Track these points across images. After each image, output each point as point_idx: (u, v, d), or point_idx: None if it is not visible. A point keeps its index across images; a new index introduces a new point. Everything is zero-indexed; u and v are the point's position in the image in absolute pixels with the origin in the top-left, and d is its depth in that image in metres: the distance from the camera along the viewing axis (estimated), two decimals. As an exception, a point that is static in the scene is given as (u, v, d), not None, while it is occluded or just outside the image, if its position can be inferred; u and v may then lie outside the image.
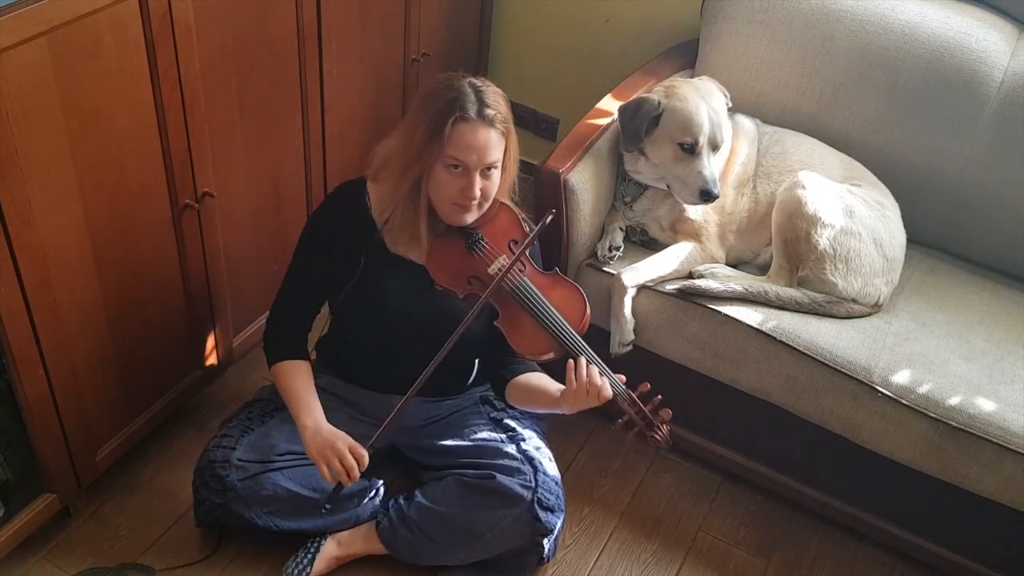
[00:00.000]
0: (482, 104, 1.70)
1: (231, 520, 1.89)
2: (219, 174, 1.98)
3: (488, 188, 1.75)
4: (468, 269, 1.81)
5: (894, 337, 2.04)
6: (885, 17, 2.24)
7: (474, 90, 1.71)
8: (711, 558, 2.13)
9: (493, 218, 1.84)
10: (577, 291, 1.82)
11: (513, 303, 1.78)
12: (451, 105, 1.68)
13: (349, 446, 1.77)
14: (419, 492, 1.94)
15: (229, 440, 1.88)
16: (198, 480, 1.89)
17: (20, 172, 1.53)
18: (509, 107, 1.77)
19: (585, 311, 1.79)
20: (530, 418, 2.05)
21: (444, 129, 1.68)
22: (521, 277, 1.79)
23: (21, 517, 1.85)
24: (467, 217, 1.78)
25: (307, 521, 1.90)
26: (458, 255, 1.81)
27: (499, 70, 3.07)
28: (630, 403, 1.76)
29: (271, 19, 1.97)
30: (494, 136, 1.71)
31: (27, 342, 1.68)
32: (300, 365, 1.89)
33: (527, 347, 1.77)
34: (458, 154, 1.69)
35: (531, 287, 1.79)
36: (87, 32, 1.55)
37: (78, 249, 1.73)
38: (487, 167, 1.72)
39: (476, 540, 1.87)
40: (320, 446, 1.77)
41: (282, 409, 1.93)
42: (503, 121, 1.73)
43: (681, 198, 2.10)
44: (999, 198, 2.21)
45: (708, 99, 2.10)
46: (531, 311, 1.77)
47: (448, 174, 1.72)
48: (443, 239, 1.82)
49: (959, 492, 1.94)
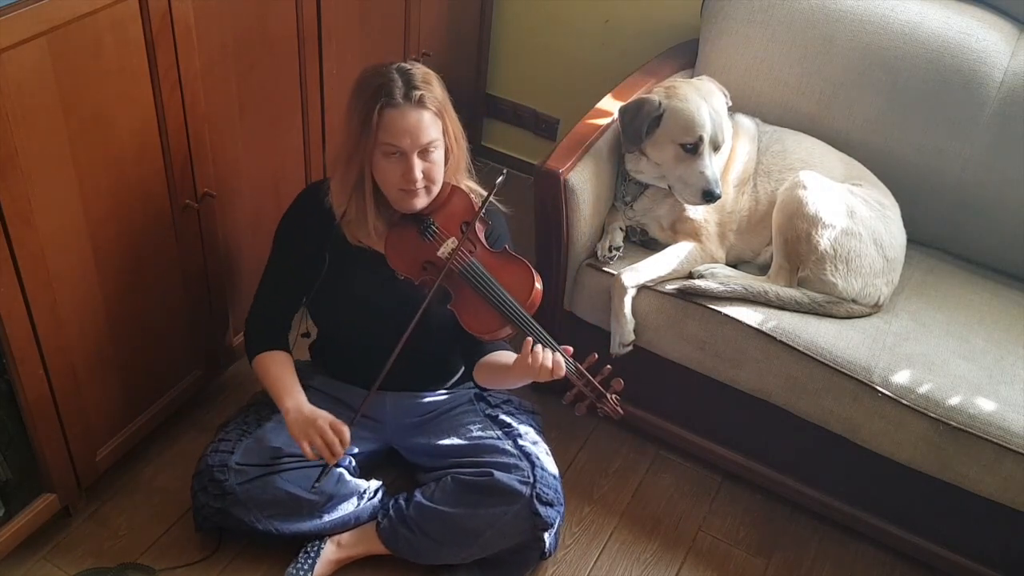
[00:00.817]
0: (409, 87, 1.71)
1: (231, 524, 1.89)
2: (219, 174, 1.98)
3: (431, 170, 1.76)
4: (421, 255, 1.81)
5: (894, 337, 2.04)
6: (885, 17, 2.24)
7: (401, 74, 1.72)
8: (711, 558, 2.13)
9: (445, 203, 1.84)
10: (526, 269, 1.80)
11: (463, 284, 1.79)
12: (377, 92, 1.70)
13: (329, 422, 1.78)
14: (418, 492, 1.94)
15: (226, 444, 1.89)
16: (196, 485, 1.89)
17: (20, 172, 1.53)
18: (442, 87, 1.78)
19: (533, 287, 1.77)
20: (526, 413, 2.06)
21: (373, 117, 1.70)
22: (469, 259, 1.79)
23: (21, 517, 1.85)
24: (416, 202, 1.78)
25: (306, 523, 1.90)
26: (412, 242, 1.82)
27: (499, 70, 3.07)
28: (578, 376, 1.76)
29: (271, 19, 1.97)
30: (426, 116, 1.72)
31: (27, 342, 1.68)
32: (278, 355, 1.91)
33: (476, 327, 1.78)
34: (391, 139, 1.71)
35: (478, 267, 1.79)
36: (87, 32, 1.55)
37: (78, 249, 1.73)
38: (424, 149, 1.73)
39: (476, 538, 1.87)
40: (302, 425, 1.78)
41: (279, 411, 1.94)
42: (434, 101, 1.73)
43: (683, 199, 2.10)
44: (999, 198, 2.21)
45: (709, 99, 2.10)
46: (478, 291, 1.77)
47: (388, 161, 1.74)
48: (398, 228, 1.84)
49: (959, 492, 1.94)
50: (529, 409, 2.09)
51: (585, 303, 2.20)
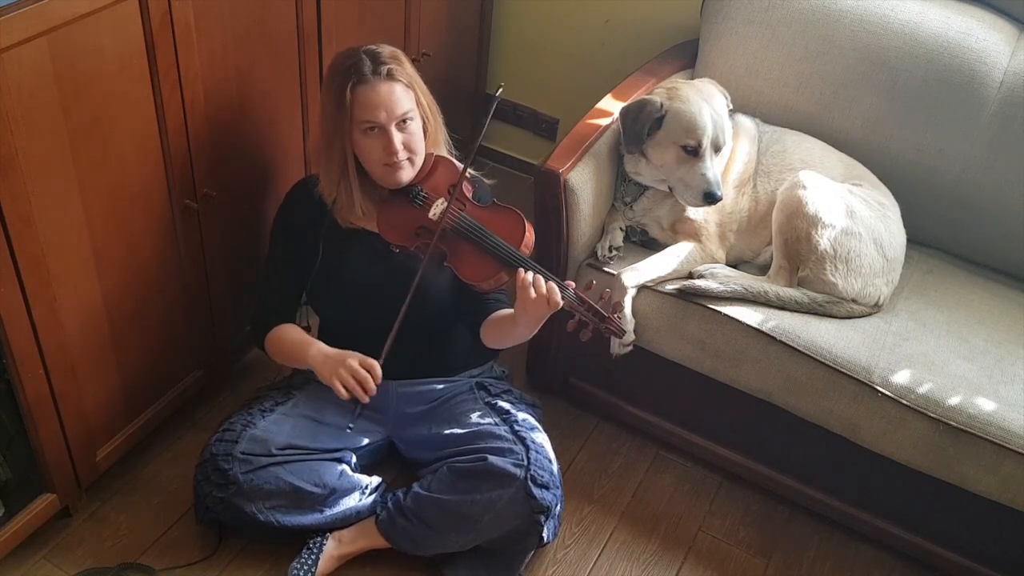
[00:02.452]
0: (377, 63, 1.77)
1: (232, 516, 1.89)
2: (219, 174, 1.98)
3: (410, 141, 1.81)
4: (413, 222, 1.86)
5: (894, 337, 2.04)
6: (885, 17, 2.24)
7: (368, 54, 1.79)
8: (711, 558, 2.13)
9: (431, 171, 1.89)
10: (515, 214, 1.86)
11: (456, 239, 1.83)
12: (348, 72, 1.77)
13: (359, 360, 1.80)
14: (416, 484, 1.95)
15: (231, 434, 1.89)
16: (200, 475, 1.89)
17: (20, 172, 1.53)
18: (410, 64, 1.84)
19: (524, 230, 1.83)
20: (524, 402, 2.07)
21: (346, 96, 1.76)
22: (460, 214, 1.84)
23: (21, 517, 1.85)
24: (402, 175, 1.83)
25: (308, 517, 1.90)
26: (403, 212, 1.87)
27: (499, 70, 3.07)
28: (579, 302, 1.81)
29: (271, 19, 1.97)
30: (398, 88, 1.77)
31: (27, 342, 1.69)
32: (287, 326, 1.97)
33: (475, 276, 1.82)
34: (367, 115, 1.76)
35: (469, 219, 1.84)
36: (87, 32, 1.55)
37: (78, 249, 1.73)
38: (401, 120, 1.78)
39: (474, 524, 1.88)
40: (331, 366, 1.81)
41: (283, 404, 1.97)
42: (404, 74, 1.79)
43: (684, 200, 2.10)
44: (999, 198, 2.21)
45: (710, 101, 2.10)
46: (472, 241, 1.82)
47: (367, 138, 1.79)
48: (388, 202, 1.89)
49: (959, 492, 1.94)
50: (530, 402, 2.09)
51: (585, 303, 2.20)
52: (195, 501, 1.93)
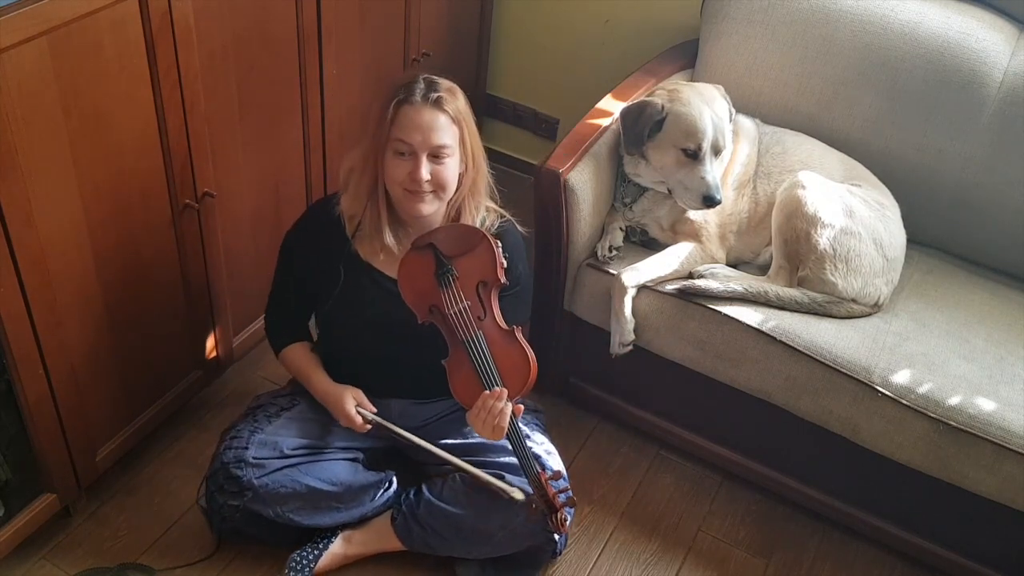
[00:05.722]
0: (429, 88, 1.72)
1: (249, 524, 1.87)
2: (219, 174, 1.98)
3: (440, 174, 1.73)
4: (431, 297, 1.79)
5: (894, 337, 2.04)
6: (885, 17, 2.24)
7: (425, 79, 1.75)
8: (711, 558, 2.13)
9: (471, 251, 1.79)
10: (526, 359, 1.78)
11: (461, 350, 1.78)
12: (398, 90, 1.73)
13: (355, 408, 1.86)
14: (425, 487, 1.94)
15: (239, 441, 1.86)
16: (212, 486, 1.86)
17: (20, 172, 1.53)
18: (466, 102, 1.78)
19: (527, 382, 1.77)
20: (529, 412, 2.05)
21: (388, 112, 1.71)
22: (476, 331, 1.77)
23: (21, 517, 1.85)
24: (422, 207, 1.76)
25: (327, 516, 1.90)
26: (426, 278, 1.79)
27: (499, 70, 3.07)
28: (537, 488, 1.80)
29: (271, 19, 1.97)
30: (441, 119, 1.72)
31: (27, 342, 1.68)
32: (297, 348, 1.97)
33: (461, 395, 1.80)
34: (402, 134, 1.71)
35: (482, 345, 1.77)
36: (87, 32, 1.55)
37: (78, 249, 1.73)
38: (435, 151, 1.72)
39: (488, 538, 1.88)
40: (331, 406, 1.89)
41: (288, 409, 1.95)
42: (453, 108, 1.73)
43: (684, 203, 2.10)
44: (999, 198, 2.21)
45: (711, 104, 2.10)
46: (474, 367, 1.77)
47: (397, 159, 1.73)
48: (415, 255, 1.80)
49: (959, 492, 1.94)
50: (532, 408, 2.09)
51: (585, 303, 2.20)
52: (208, 514, 1.91)
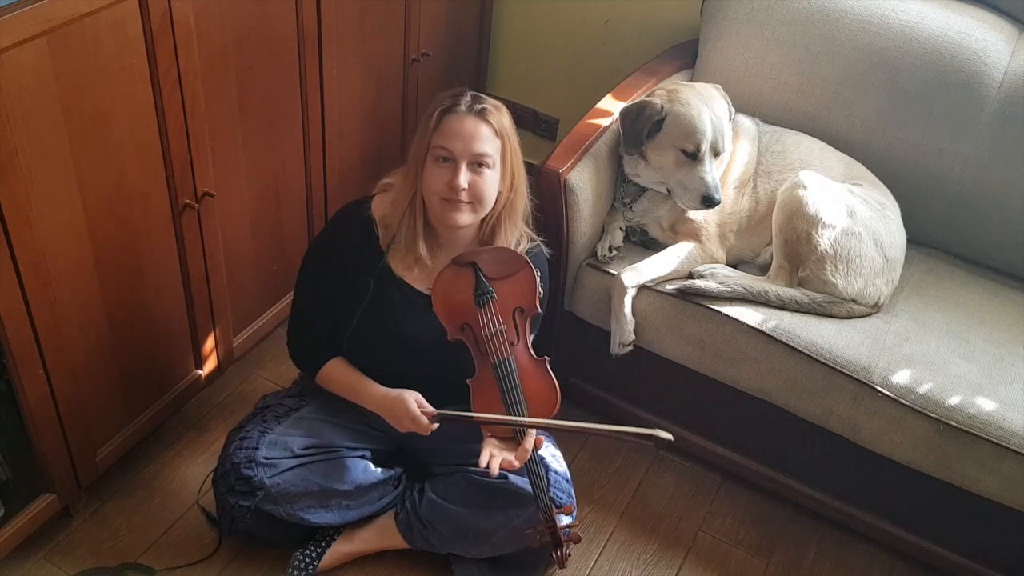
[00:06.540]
0: (475, 100, 1.74)
1: (260, 525, 1.87)
2: (219, 174, 1.98)
3: (478, 185, 1.73)
4: (466, 315, 1.79)
5: (894, 337, 2.04)
6: (885, 17, 2.24)
7: (472, 92, 1.76)
8: (711, 558, 2.13)
9: (512, 275, 1.80)
10: (554, 390, 1.80)
11: (490, 372, 1.78)
12: (444, 100, 1.74)
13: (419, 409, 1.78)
14: (428, 486, 1.95)
15: (250, 442, 1.84)
16: (223, 487, 1.84)
17: (20, 172, 1.53)
18: (511, 120, 1.79)
19: (552, 412, 1.79)
20: None
21: (432, 120, 1.72)
22: (509, 355, 1.78)
23: (21, 517, 1.85)
24: (458, 216, 1.75)
25: (336, 514, 1.89)
26: (464, 295, 1.79)
27: (499, 70, 3.07)
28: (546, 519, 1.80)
29: (271, 19, 1.97)
30: (484, 129, 1.72)
31: (27, 342, 1.68)
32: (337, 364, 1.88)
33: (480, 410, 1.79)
34: (443, 141, 1.71)
35: (513, 370, 1.78)
36: (87, 32, 1.55)
37: (78, 249, 1.73)
38: (476, 159, 1.72)
39: (489, 537, 1.89)
40: (395, 417, 1.80)
41: (297, 409, 1.93)
42: (497, 121, 1.74)
43: (683, 203, 2.10)
44: (999, 198, 2.21)
45: (711, 104, 2.10)
46: (502, 390, 1.77)
47: (436, 166, 1.73)
48: (457, 270, 1.80)
49: (959, 492, 1.94)
50: None
51: (585, 303, 2.20)
52: (218, 516, 1.91)
